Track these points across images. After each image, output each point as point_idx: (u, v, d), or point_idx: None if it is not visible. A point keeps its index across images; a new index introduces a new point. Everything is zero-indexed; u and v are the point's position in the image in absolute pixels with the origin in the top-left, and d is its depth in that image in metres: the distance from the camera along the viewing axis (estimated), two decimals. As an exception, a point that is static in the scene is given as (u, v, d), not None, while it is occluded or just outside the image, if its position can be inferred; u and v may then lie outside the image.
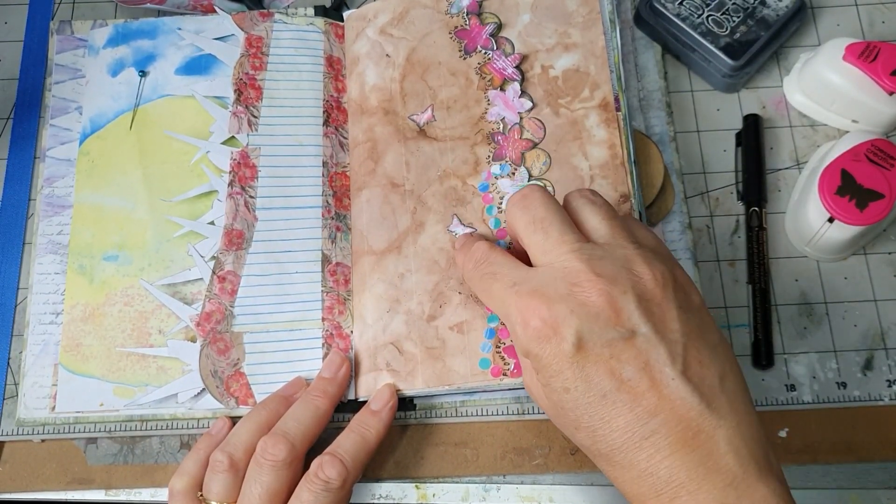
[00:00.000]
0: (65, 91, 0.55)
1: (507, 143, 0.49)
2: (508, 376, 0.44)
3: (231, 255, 0.49)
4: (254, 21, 0.55)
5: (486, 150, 0.49)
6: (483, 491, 0.48)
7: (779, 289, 0.50)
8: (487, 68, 0.51)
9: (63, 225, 0.51)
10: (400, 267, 0.48)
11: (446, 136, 0.50)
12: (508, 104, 0.49)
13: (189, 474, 0.44)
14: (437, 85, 0.51)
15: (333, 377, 0.46)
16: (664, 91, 0.54)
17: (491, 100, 0.50)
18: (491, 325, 0.45)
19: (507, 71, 0.50)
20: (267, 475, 0.41)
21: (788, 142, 0.53)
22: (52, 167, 0.53)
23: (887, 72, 0.49)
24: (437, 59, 0.52)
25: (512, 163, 0.48)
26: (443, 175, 0.49)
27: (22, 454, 0.48)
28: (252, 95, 0.52)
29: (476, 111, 0.50)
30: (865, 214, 0.46)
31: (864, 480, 0.47)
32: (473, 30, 0.51)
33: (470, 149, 0.49)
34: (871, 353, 0.48)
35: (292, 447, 0.42)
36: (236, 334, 0.48)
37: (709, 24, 0.52)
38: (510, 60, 0.50)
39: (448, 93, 0.51)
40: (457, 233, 0.48)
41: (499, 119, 0.49)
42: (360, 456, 0.43)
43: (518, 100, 0.49)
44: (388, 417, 0.45)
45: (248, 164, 0.51)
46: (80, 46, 0.56)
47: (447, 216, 0.48)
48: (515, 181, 0.48)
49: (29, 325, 0.49)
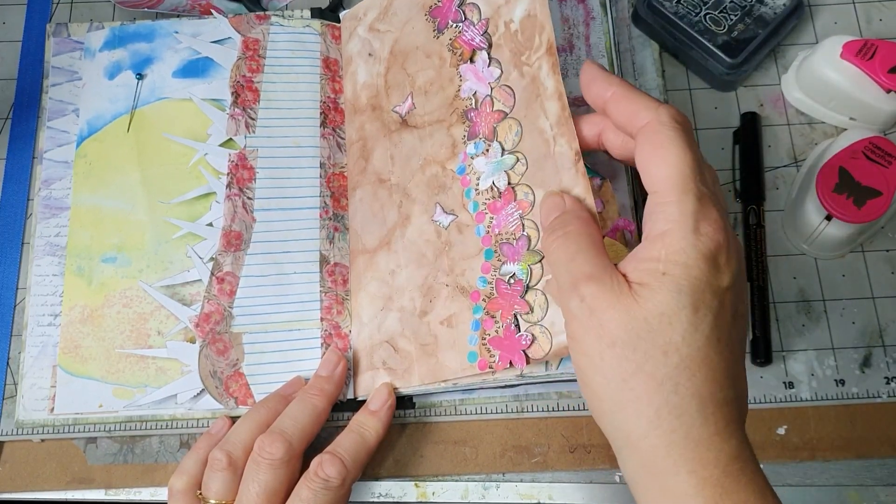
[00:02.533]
0: (62, 93, 0.55)
1: (479, 118, 0.46)
2: (494, 368, 0.42)
3: (229, 256, 0.49)
4: (250, 24, 0.55)
5: (461, 129, 0.47)
6: (482, 489, 0.48)
7: (777, 286, 0.50)
8: (458, 42, 0.48)
9: (61, 227, 0.51)
10: (391, 263, 0.48)
11: (425, 122, 0.49)
12: (478, 76, 0.47)
13: (188, 473, 0.44)
14: (415, 70, 0.50)
15: (330, 375, 0.46)
16: (662, 89, 0.54)
17: (462, 75, 0.48)
18: (476, 316, 0.44)
19: (475, 40, 0.47)
20: (264, 474, 0.41)
21: (786, 140, 0.53)
22: (49, 169, 0.53)
23: (885, 69, 0.49)
24: (414, 45, 0.50)
25: (485, 139, 0.45)
26: (424, 163, 0.48)
27: (22, 454, 0.49)
28: (249, 98, 0.52)
29: (450, 90, 0.48)
30: (863, 212, 0.46)
31: (863, 477, 0.47)
32: (444, 5, 0.49)
33: (447, 131, 0.48)
34: (869, 350, 0.49)
35: (290, 446, 0.42)
36: (235, 335, 0.48)
37: (706, 23, 0.52)
38: (478, 28, 0.47)
39: (425, 76, 0.50)
40: (441, 222, 0.46)
41: (471, 94, 0.47)
42: (359, 455, 0.43)
43: (487, 70, 0.46)
44: (386, 417, 0.45)
45: (246, 166, 0.51)
46: (76, 49, 0.56)
47: (430, 206, 0.47)
48: (489, 158, 0.45)
49: (27, 327, 0.49)
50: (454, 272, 0.45)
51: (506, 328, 0.41)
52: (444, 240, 0.46)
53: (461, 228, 0.45)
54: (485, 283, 0.43)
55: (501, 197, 0.43)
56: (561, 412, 0.48)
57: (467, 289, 0.44)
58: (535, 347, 0.40)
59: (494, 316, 0.42)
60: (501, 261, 0.42)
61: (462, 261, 0.45)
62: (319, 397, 0.45)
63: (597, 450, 0.48)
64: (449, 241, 0.46)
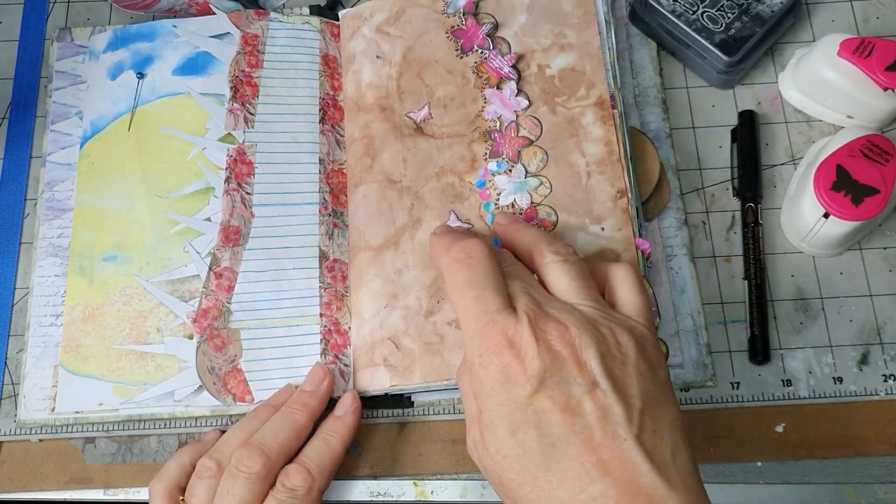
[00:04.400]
0: (65, 97, 0.55)
1: (503, 140, 0.49)
2: None
3: (228, 251, 0.49)
4: (249, 19, 0.55)
5: (482, 147, 0.49)
6: (481, 488, 0.48)
7: (775, 284, 0.50)
8: (484, 67, 0.51)
9: (63, 228, 0.51)
10: (398, 263, 0.48)
11: (443, 133, 0.50)
12: (505, 102, 0.50)
13: (169, 478, 0.44)
14: (434, 83, 0.51)
15: (315, 390, 0.45)
16: (660, 88, 0.54)
17: (488, 98, 0.50)
18: None
19: (504, 70, 0.50)
20: (240, 488, 0.41)
21: (784, 138, 0.53)
22: (52, 172, 0.53)
23: (882, 67, 0.49)
24: (433, 58, 0.52)
25: (508, 160, 0.48)
26: (440, 172, 0.49)
27: (20, 454, 0.48)
28: (248, 93, 0.52)
29: (473, 109, 0.50)
30: (861, 210, 0.46)
31: (861, 475, 0.47)
32: (470, 29, 0.52)
33: (467, 146, 0.50)
34: (866, 347, 0.49)
35: (267, 459, 0.42)
36: (233, 331, 0.48)
37: (704, 21, 0.52)
38: (507, 60, 0.50)
39: (445, 91, 0.51)
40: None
41: (495, 117, 0.50)
42: (324, 463, 0.43)
43: (515, 98, 0.50)
44: (351, 421, 0.45)
45: (245, 161, 0.51)
46: (79, 53, 0.56)
47: (444, 212, 0.48)
48: (512, 178, 0.48)
49: (29, 328, 0.49)
50: None
51: None
52: None
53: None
54: None
55: (523, 214, 0.47)
56: (559, 410, 0.48)
57: None
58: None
59: None
60: None
61: None
62: (301, 412, 0.44)
63: (595, 448, 0.48)
64: None
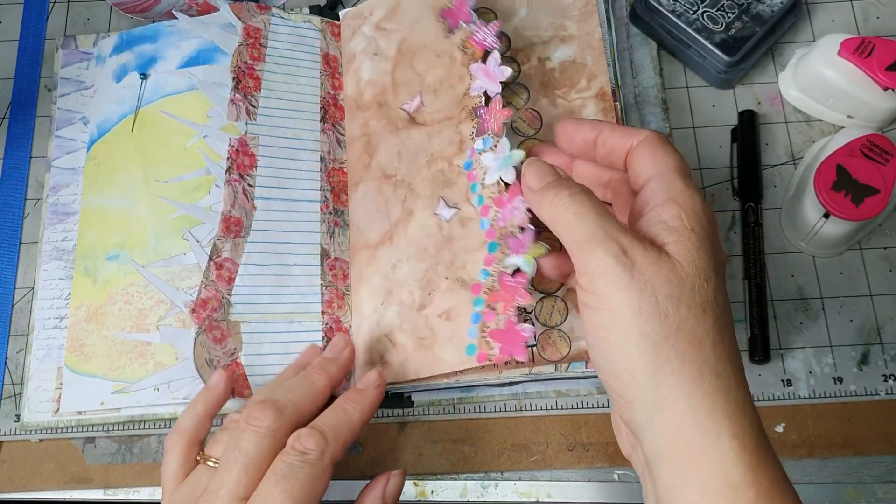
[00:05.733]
0: (69, 103, 0.55)
1: (488, 115, 0.47)
2: (493, 361, 0.42)
3: (229, 242, 0.48)
4: (251, 12, 0.54)
5: (469, 126, 0.48)
6: (481, 487, 0.48)
7: (775, 284, 0.50)
8: (469, 42, 0.49)
9: (67, 231, 0.51)
10: (392, 258, 0.48)
11: (433, 119, 0.49)
12: (489, 74, 0.47)
13: (185, 431, 0.41)
14: (424, 69, 0.51)
15: (336, 357, 0.44)
16: (660, 87, 0.54)
17: (473, 73, 0.48)
18: (476, 308, 0.43)
19: (487, 41, 0.48)
20: (248, 441, 0.38)
21: (784, 137, 0.53)
22: (57, 176, 0.53)
23: (882, 67, 0.49)
24: (423, 44, 0.51)
25: (494, 135, 0.46)
26: (430, 159, 0.49)
27: (20, 454, 0.48)
28: (251, 85, 0.52)
29: (460, 89, 0.49)
30: (861, 210, 0.46)
31: (861, 475, 0.47)
32: (457, 7, 0.50)
33: (455, 128, 0.48)
34: (866, 347, 0.49)
35: (279, 414, 0.39)
36: (233, 323, 0.47)
37: (704, 21, 0.52)
38: (490, 29, 0.48)
39: (434, 75, 0.50)
40: (442, 215, 0.47)
41: (481, 93, 0.48)
42: (341, 430, 0.39)
43: (499, 68, 0.47)
44: (373, 396, 0.42)
45: (247, 153, 0.50)
46: (84, 59, 0.56)
47: (433, 200, 0.47)
48: (497, 153, 0.45)
49: (33, 331, 0.50)
50: (454, 265, 0.45)
51: (507, 321, 0.41)
52: (445, 233, 0.46)
53: (464, 222, 0.46)
54: (486, 275, 0.43)
55: (508, 191, 0.43)
56: (559, 410, 0.48)
57: (468, 281, 0.44)
58: (552, 350, 0.43)
59: (495, 308, 0.42)
60: (505, 253, 0.42)
61: (463, 254, 0.45)
62: (320, 375, 0.42)
63: (595, 448, 0.48)
64: (450, 235, 0.46)
